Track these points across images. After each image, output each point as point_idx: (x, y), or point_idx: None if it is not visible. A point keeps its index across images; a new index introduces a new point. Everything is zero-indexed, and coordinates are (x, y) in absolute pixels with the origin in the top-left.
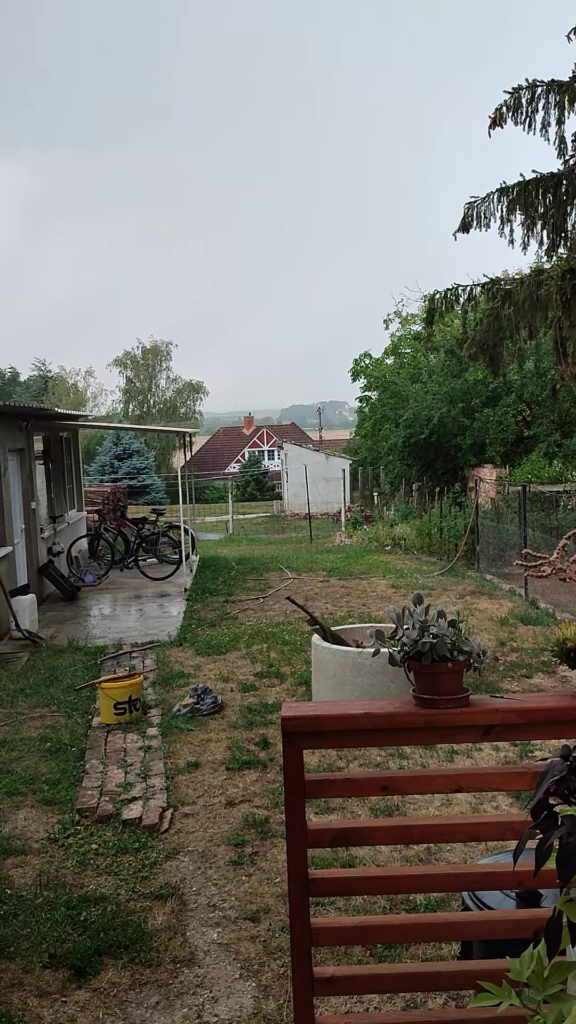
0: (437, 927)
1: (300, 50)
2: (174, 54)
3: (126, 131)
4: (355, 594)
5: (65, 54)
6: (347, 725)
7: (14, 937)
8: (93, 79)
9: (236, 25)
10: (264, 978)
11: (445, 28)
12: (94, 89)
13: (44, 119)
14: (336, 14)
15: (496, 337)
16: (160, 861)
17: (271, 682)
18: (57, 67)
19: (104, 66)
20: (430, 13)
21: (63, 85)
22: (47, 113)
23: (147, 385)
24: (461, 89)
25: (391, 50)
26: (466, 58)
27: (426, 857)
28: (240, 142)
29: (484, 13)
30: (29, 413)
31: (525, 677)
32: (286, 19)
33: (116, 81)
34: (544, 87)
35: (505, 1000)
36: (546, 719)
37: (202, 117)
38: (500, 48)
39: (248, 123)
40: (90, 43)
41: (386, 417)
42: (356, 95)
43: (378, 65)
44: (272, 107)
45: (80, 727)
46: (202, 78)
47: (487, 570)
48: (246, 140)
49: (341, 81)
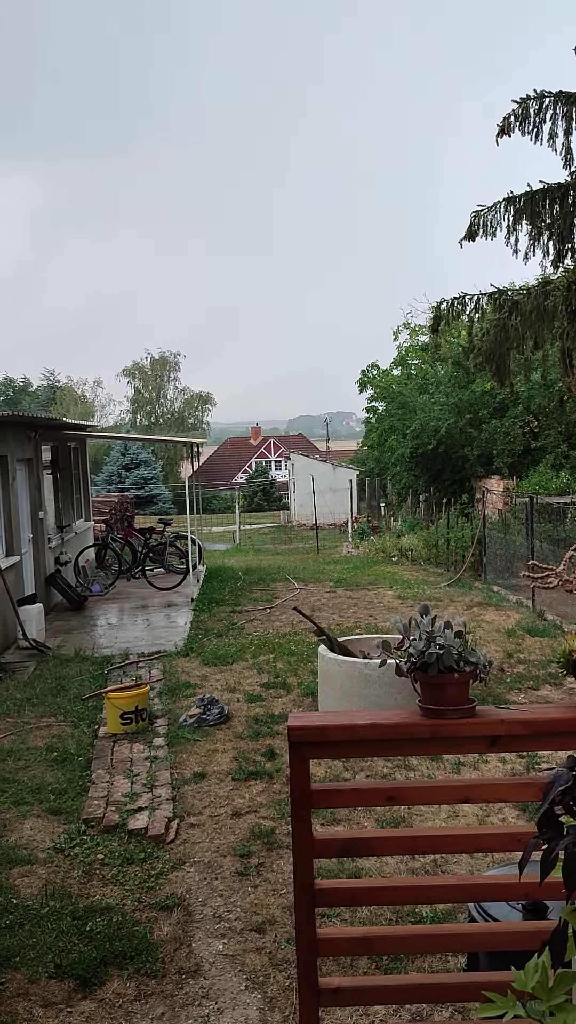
0: (442, 939)
1: (306, 60)
2: (182, 68)
3: (134, 143)
4: (362, 605)
5: (74, 66)
6: (353, 735)
7: (20, 947)
8: (103, 91)
9: (241, 37)
10: (270, 990)
11: (452, 38)
12: (103, 101)
13: (52, 130)
14: (342, 24)
15: (503, 347)
16: (166, 871)
17: (278, 693)
18: (67, 79)
19: (115, 78)
20: (436, 23)
21: (72, 97)
22: (55, 124)
23: (155, 396)
24: (469, 98)
25: (398, 59)
26: (474, 67)
27: (432, 870)
28: (247, 153)
29: (491, 24)
30: (37, 423)
31: (532, 689)
32: (291, 28)
33: (125, 93)
34: (552, 98)
35: (510, 1011)
36: (552, 730)
37: (209, 129)
38: (509, 57)
39: (255, 134)
40: (99, 55)
41: (393, 428)
42: (365, 102)
43: (385, 74)
44: (280, 117)
45: (86, 737)
46: (210, 91)
47: (494, 581)
48: (253, 151)
49: (350, 90)
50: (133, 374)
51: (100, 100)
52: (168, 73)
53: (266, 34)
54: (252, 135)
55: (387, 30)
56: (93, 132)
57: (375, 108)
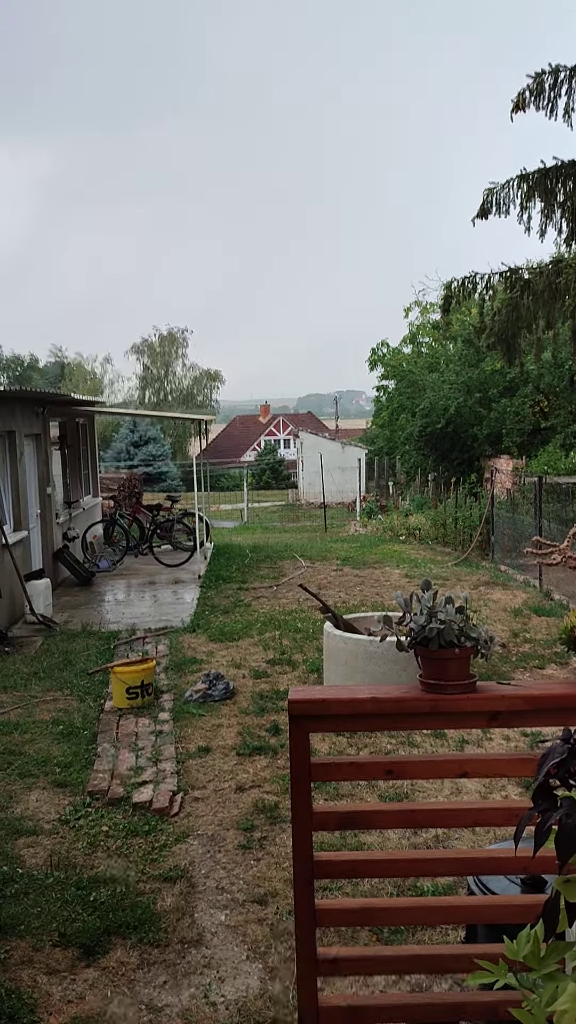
0: (440, 910)
1: (323, 40)
2: (200, 41)
3: (146, 119)
4: (368, 583)
5: (89, 39)
6: (354, 709)
7: (25, 916)
8: (116, 66)
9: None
10: (271, 960)
11: (467, 19)
12: (116, 76)
13: (63, 105)
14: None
15: (514, 327)
16: (169, 844)
17: (283, 669)
18: (80, 54)
19: (127, 53)
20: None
21: (84, 72)
22: (66, 100)
23: (163, 373)
24: (485, 71)
25: (413, 39)
26: (490, 44)
27: (434, 846)
28: (260, 131)
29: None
30: (46, 399)
31: (537, 668)
32: (308, 11)
33: (138, 68)
34: (567, 72)
35: (501, 979)
36: (553, 706)
37: (223, 105)
38: (525, 36)
39: (269, 112)
40: (115, 26)
41: (403, 407)
42: (380, 82)
43: (402, 53)
44: (297, 96)
45: (92, 711)
46: (227, 65)
47: (502, 561)
48: (266, 128)
49: (369, 67)
50: (142, 351)
51: (114, 74)
52: (184, 45)
53: (287, 10)
54: (264, 115)
55: (405, 11)
56: (104, 106)
57: (393, 86)
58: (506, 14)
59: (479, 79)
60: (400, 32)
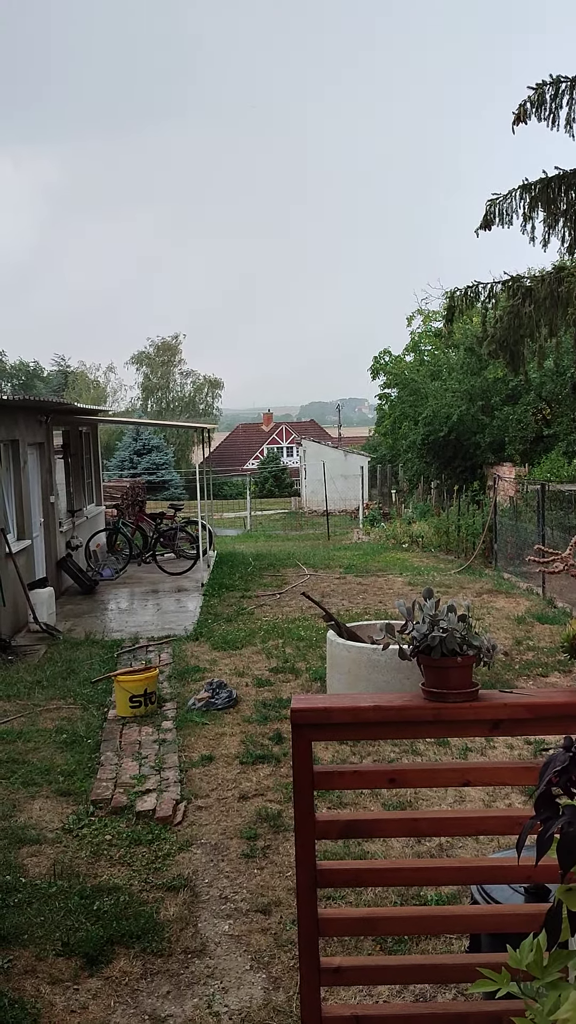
0: (444, 920)
1: (322, 44)
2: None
3: (145, 126)
4: (372, 591)
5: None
6: (356, 717)
7: (28, 925)
8: (114, 73)
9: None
10: (274, 970)
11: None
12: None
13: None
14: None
15: (516, 335)
16: (173, 853)
17: (286, 678)
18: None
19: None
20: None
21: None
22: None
23: (164, 382)
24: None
25: (413, 45)
26: (489, 52)
27: (438, 855)
28: (259, 138)
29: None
30: (48, 407)
31: (541, 676)
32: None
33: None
34: (568, 83)
35: (504, 988)
36: (555, 714)
37: (222, 112)
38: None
39: (268, 118)
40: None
41: (405, 415)
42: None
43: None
44: (294, 101)
45: (96, 719)
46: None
47: (505, 568)
48: (265, 136)
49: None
50: (141, 360)
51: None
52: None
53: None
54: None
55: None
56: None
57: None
58: (507, 18)
59: (478, 87)
60: (403, 39)
